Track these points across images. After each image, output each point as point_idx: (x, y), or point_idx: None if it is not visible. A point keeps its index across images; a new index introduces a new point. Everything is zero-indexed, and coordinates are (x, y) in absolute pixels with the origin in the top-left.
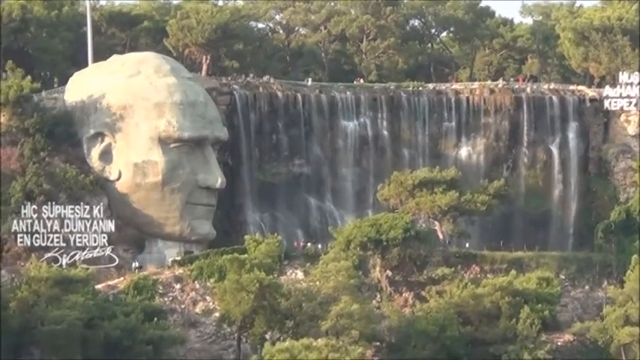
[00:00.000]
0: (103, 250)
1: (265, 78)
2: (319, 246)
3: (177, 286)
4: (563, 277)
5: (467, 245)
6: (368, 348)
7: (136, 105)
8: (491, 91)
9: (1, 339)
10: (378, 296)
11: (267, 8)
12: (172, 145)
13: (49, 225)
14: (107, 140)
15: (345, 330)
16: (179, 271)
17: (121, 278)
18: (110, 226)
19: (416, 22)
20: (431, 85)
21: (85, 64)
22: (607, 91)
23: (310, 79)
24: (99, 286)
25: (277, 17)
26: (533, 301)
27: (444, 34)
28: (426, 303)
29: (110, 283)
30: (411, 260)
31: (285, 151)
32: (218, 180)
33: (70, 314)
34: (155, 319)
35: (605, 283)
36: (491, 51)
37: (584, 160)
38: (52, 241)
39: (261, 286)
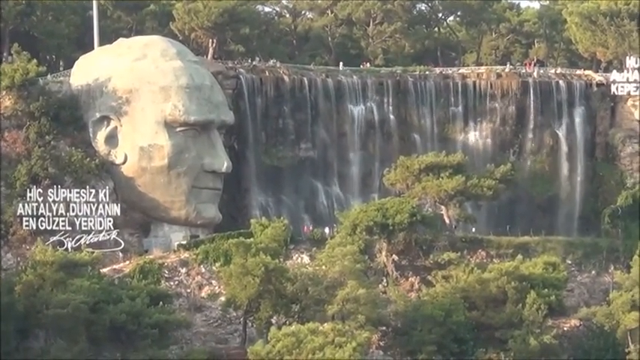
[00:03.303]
0: (108, 234)
1: (271, 62)
2: (327, 230)
3: (183, 270)
4: (569, 262)
5: (473, 230)
6: (374, 332)
7: (142, 89)
8: (498, 76)
9: (7, 323)
10: (384, 281)
11: None
12: (178, 129)
13: (54, 208)
14: (113, 124)
15: (351, 314)
16: (185, 255)
17: (127, 262)
18: (116, 209)
19: (423, 6)
20: (437, 70)
21: (90, 48)
22: (614, 75)
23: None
24: (104, 270)
25: (284, 1)
26: (540, 286)
27: (451, 18)
28: (432, 288)
29: (116, 267)
30: (417, 245)
31: (292, 135)
32: (224, 164)
33: (75, 298)
34: (161, 303)
35: (612, 268)
36: (497, 35)
37: (590, 144)
38: (57, 225)
39: (266, 270)
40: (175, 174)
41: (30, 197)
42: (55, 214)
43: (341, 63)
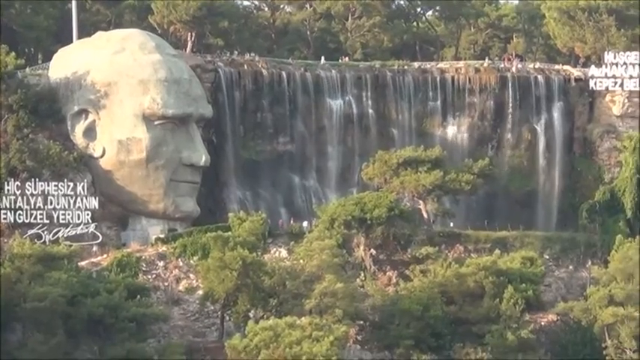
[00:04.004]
0: (86, 227)
1: (249, 56)
2: (305, 224)
3: (161, 263)
4: (547, 256)
5: (451, 224)
6: (351, 326)
7: (120, 82)
8: (477, 71)
9: None
10: (362, 275)
11: None
12: (157, 122)
13: (32, 201)
14: (91, 117)
15: (328, 308)
16: (162, 248)
17: (105, 255)
18: (94, 203)
19: (401, 1)
20: (416, 64)
21: (69, 41)
22: (592, 70)
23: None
24: (82, 263)
25: None
26: (517, 281)
27: (430, 12)
28: (409, 282)
29: (93, 260)
30: (395, 239)
31: (270, 129)
32: (202, 157)
33: (53, 291)
34: (138, 296)
35: (589, 263)
36: (476, 30)
37: (568, 139)
38: (35, 218)
39: (244, 264)
40: (153, 167)
41: (8, 190)
42: (32, 207)
43: (322, 57)
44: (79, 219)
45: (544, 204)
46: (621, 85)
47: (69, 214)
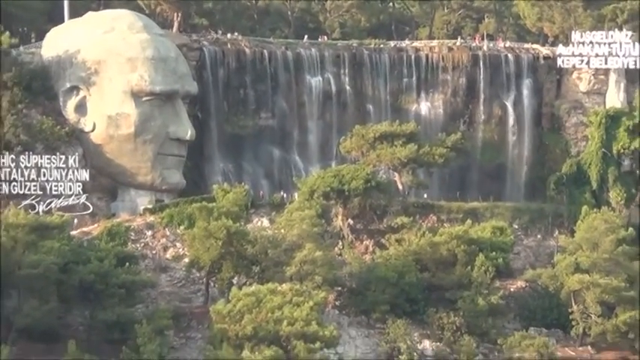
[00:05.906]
0: (77, 198)
1: (233, 35)
2: (284, 195)
3: (149, 232)
4: (516, 226)
5: (425, 195)
6: (330, 292)
7: (110, 60)
8: (450, 49)
9: None
10: (340, 244)
11: None
12: (144, 99)
13: (26, 174)
14: (82, 93)
15: (308, 275)
16: (150, 218)
17: (95, 225)
18: (85, 175)
19: None
20: (392, 43)
21: (61, 21)
22: (560, 49)
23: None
24: (74, 233)
25: None
26: (488, 249)
27: None
28: (385, 250)
29: (85, 229)
30: (371, 209)
31: (252, 105)
32: (188, 132)
33: (46, 259)
34: (127, 264)
35: (557, 232)
36: (449, 10)
37: (537, 115)
38: (29, 189)
39: (228, 233)
40: (141, 141)
41: (3, 163)
42: (27, 179)
43: (306, 36)
44: (70, 190)
45: (513, 176)
46: (587, 63)
47: (61, 186)
